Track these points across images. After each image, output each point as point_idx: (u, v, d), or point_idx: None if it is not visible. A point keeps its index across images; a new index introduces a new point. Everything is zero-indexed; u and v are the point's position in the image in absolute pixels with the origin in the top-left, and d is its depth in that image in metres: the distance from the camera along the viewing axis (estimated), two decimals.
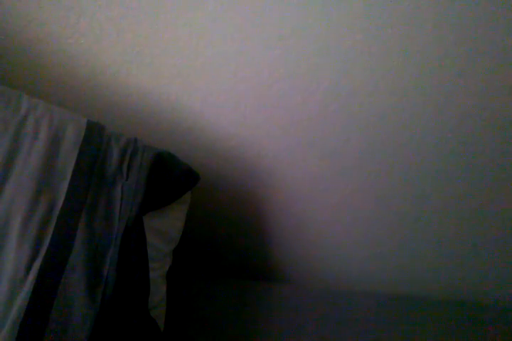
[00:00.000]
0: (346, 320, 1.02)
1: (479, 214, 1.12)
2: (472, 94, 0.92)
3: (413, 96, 0.93)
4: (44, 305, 0.61)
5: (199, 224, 1.15)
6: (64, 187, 0.70)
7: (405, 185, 1.08)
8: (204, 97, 0.95)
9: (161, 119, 0.98)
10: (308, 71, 0.90)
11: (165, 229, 0.80)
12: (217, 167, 1.07)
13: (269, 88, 0.93)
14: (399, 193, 1.10)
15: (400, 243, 1.20)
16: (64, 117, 0.76)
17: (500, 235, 1.15)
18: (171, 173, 0.81)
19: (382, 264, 1.25)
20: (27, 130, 0.71)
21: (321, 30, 0.84)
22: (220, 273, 1.26)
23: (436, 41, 0.85)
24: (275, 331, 0.96)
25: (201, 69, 0.91)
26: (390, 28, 0.83)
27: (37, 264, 0.63)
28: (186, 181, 0.85)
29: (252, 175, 1.08)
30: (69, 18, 0.85)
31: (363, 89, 0.92)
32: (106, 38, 0.87)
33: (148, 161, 0.77)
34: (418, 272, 1.25)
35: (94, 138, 0.76)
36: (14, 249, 0.63)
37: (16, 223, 0.65)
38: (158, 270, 0.76)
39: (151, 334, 0.70)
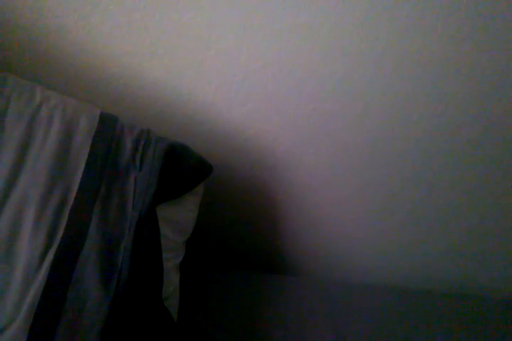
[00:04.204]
0: (358, 312, 1.01)
1: (488, 210, 1.12)
2: (484, 90, 0.92)
3: (428, 86, 0.92)
4: (58, 294, 0.61)
5: (212, 215, 1.16)
6: (77, 177, 0.70)
7: (417, 181, 1.08)
8: (216, 89, 0.95)
9: (173, 111, 0.98)
10: (320, 62, 0.90)
11: (178, 219, 0.80)
12: (229, 159, 1.07)
13: (281, 80, 0.93)
14: (410, 189, 1.10)
15: (410, 238, 1.20)
16: (77, 108, 0.76)
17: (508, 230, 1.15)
18: (184, 164, 0.81)
19: (392, 258, 1.24)
20: (41, 120, 0.71)
21: (334, 21, 0.84)
22: (231, 265, 1.26)
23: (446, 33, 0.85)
24: (287, 322, 0.96)
25: (213, 61, 0.91)
26: (403, 18, 0.83)
27: (51, 253, 0.63)
28: (199, 172, 0.85)
29: (265, 167, 1.08)
30: (81, 11, 0.85)
31: (377, 80, 0.92)
32: (118, 30, 0.87)
33: (161, 152, 0.77)
34: (428, 266, 1.25)
35: (108, 129, 0.76)
36: (28, 237, 0.64)
37: (31, 212, 0.65)
38: (171, 260, 0.76)
39: (165, 325, 0.70)
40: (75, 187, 0.69)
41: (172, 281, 0.76)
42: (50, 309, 0.60)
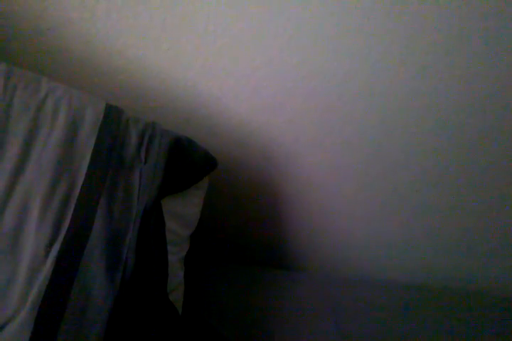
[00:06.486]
0: (361, 308, 1.02)
1: (493, 207, 1.13)
2: (494, 80, 0.92)
3: (432, 82, 0.92)
4: (63, 287, 0.61)
5: (215, 209, 1.16)
6: (83, 169, 0.70)
7: (422, 178, 1.08)
8: (222, 83, 0.94)
9: (178, 105, 0.98)
10: (327, 56, 0.89)
11: (183, 213, 0.80)
12: (234, 153, 1.06)
13: (287, 73, 0.93)
14: (414, 185, 1.10)
15: (414, 234, 1.20)
16: (83, 100, 0.75)
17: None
18: (189, 158, 0.81)
19: (396, 254, 1.24)
20: (46, 111, 0.71)
21: (340, 13, 0.84)
22: (234, 259, 1.26)
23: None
24: (289, 317, 0.96)
25: (219, 55, 0.90)
26: (408, 15, 0.83)
27: (56, 246, 0.63)
28: (204, 166, 0.85)
29: (270, 162, 1.08)
30: (86, 3, 0.85)
31: (381, 77, 0.92)
32: (123, 22, 0.87)
33: (166, 145, 0.77)
34: (431, 263, 1.26)
35: (113, 121, 0.76)
36: (34, 230, 0.64)
37: (36, 205, 0.65)
38: (176, 254, 0.76)
39: (170, 318, 0.70)
40: (81, 180, 0.69)
41: (176, 275, 0.76)
42: (55, 301, 0.60)
